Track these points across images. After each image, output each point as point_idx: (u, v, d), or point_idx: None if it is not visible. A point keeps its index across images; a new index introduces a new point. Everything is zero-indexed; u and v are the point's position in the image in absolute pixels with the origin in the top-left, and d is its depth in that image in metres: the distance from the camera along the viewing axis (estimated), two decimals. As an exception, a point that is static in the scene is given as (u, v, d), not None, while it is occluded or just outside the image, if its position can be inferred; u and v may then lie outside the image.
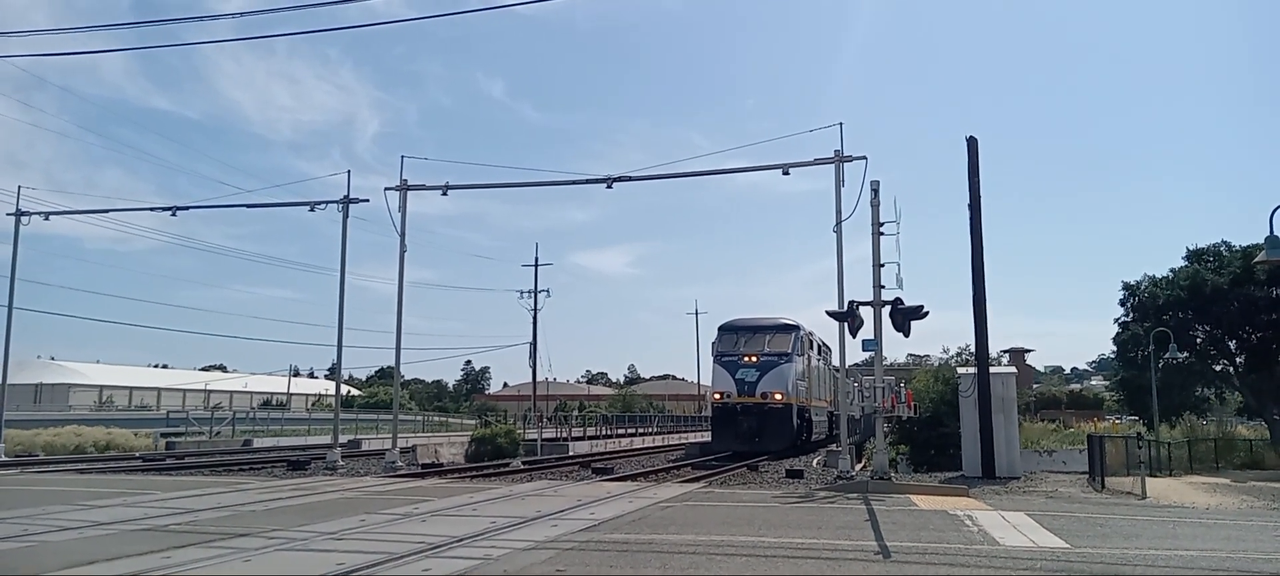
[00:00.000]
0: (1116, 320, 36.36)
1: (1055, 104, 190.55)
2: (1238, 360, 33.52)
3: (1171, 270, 34.45)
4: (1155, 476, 20.50)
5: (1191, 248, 34.64)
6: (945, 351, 78.27)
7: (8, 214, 25.74)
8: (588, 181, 22.56)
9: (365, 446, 33.43)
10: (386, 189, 22.73)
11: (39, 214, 25.94)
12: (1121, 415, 47.60)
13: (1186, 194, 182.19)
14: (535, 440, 32.88)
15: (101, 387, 70.56)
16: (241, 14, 21.10)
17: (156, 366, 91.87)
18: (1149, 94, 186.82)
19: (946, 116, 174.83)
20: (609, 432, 42.45)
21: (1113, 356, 39.80)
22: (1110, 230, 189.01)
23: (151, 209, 29.11)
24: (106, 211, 28.45)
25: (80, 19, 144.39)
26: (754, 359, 29.50)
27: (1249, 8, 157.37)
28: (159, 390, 73.04)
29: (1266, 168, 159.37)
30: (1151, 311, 33.25)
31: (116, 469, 22.75)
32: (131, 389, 72.47)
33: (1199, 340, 33.46)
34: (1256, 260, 14.53)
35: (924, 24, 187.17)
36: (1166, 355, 28.42)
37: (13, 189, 25.78)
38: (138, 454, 29.31)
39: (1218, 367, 34.43)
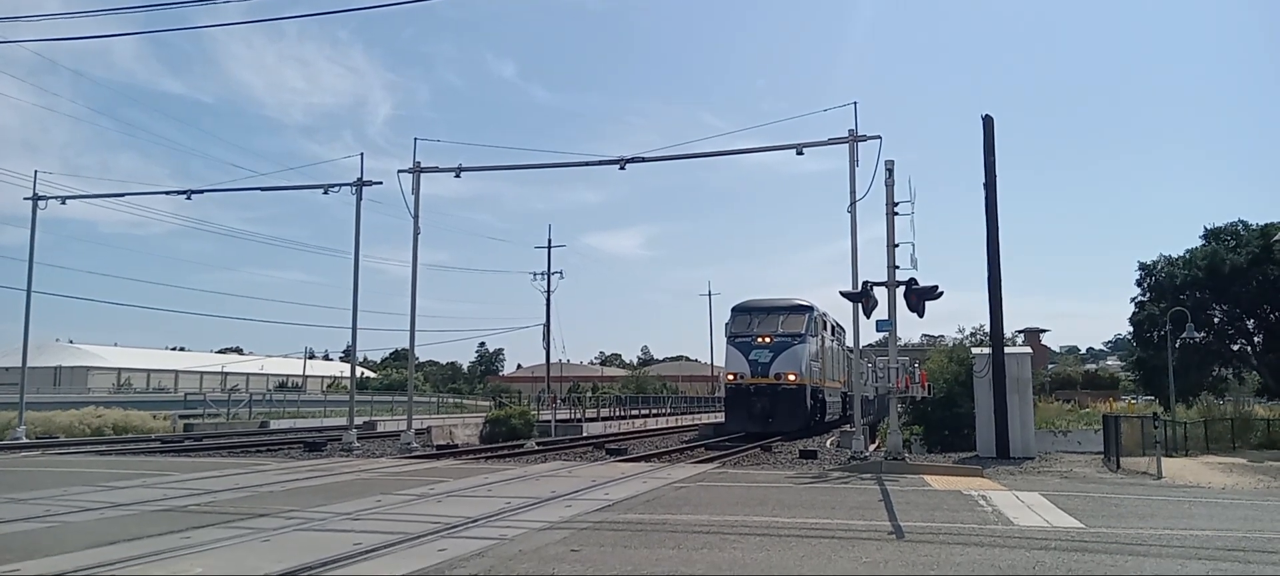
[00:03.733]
0: (1133, 300, 36.15)
1: (1068, 81, 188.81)
2: (1255, 340, 33.27)
3: (1188, 250, 34.17)
4: (1171, 456, 20.39)
5: (1209, 227, 34.37)
6: (960, 331, 77.60)
7: (25, 198, 25.92)
8: (601, 162, 22.52)
9: (381, 428, 33.65)
10: (400, 171, 22.79)
11: (55, 198, 26.11)
12: (1137, 395, 47.35)
13: (1203, 173, 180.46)
14: (549, 421, 32.98)
15: (120, 370, 71.26)
16: (254, -3, 21.14)
17: (174, 349, 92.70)
18: (1164, 71, 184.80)
19: (957, 93, 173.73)
20: (622, 414, 42.59)
21: (1129, 336, 39.58)
22: (1126, 209, 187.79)
23: (167, 192, 29.24)
24: (122, 195, 28.62)
25: (90, 2, 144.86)
26: (767, 340, 29.45)
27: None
28: (176, 372, 73.75)
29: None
30: (1168, 291, 33.02)
31: (136, 450, 22.99)
32: (149, 371, 73.19)
33: (1216, 320, 33.23)
34: (1275, 238, 14.42)
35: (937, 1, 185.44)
36: (1183, 335, 28.22)
37: (29, 173, 25.96)
38: (156, 435, 29.61)
39: (1235, 347, 34.19)
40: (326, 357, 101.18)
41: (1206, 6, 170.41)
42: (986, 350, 21.04)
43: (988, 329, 21.53)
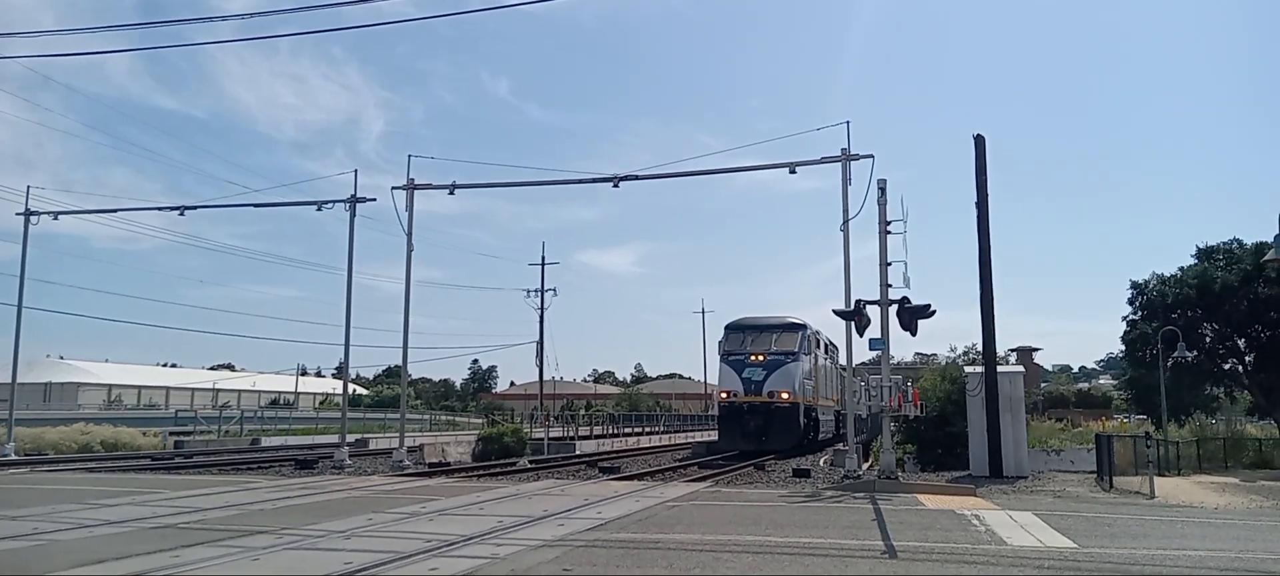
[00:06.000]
0: (1125, 319, 36.17)
1: (1061, 102, 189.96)
2: (1247, 359, 33.34)
3: (1180, 268, 34.26)
4: (1163, 476, 20.41)
5: (1201, 245, 34.49)
6: (953, 350, 77.69)
7: (16, 214, 25.86)
8: (595, 180, 22.56)
9: (372, 445, 33.50)
10: (393, 188, 22.73)
11: (47, 213, 26.04)
12: (1130, 414, 47.45)
13: (1195, 192, 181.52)
14: (542, 439, 32.89)
15: (110, 386, 70.93)
16: (246, 15, 21.23)
17: (165, 365, 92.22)
18: (1156, 92, 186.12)
19: (951, 115, 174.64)
20: (616, 432, 42.52)
21: (1121, 355, 39.61)
22: (1118, 229, 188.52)
23: (159, 208, 29.24)
24: (114, 211, 28.52)
25: (85, 19, 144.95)
26: (761, 358, 29.46)
27: (1254, 6, 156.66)
28: (167, 389, 73.50)
29: (1275, 165, 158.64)
30: (1160, 310, 33.09)
31: (126, 467, 22.84)
32: (140, 388, 72.90)
33: (1208, 339, 33.28)
34: (1266, 258, 14.48)
35: (927, 23, 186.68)
36: (1175, 354, 28.30)
37: (21, 188, 25.79)
38: (146, 453, 29.43)
39: (1227, 366, 34.25)
40: (319, 374, 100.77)
41: (1200, 27, 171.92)
42: (979, 369, 21.06)
43: (980, 347, 21.56)
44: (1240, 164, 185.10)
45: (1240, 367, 33.76)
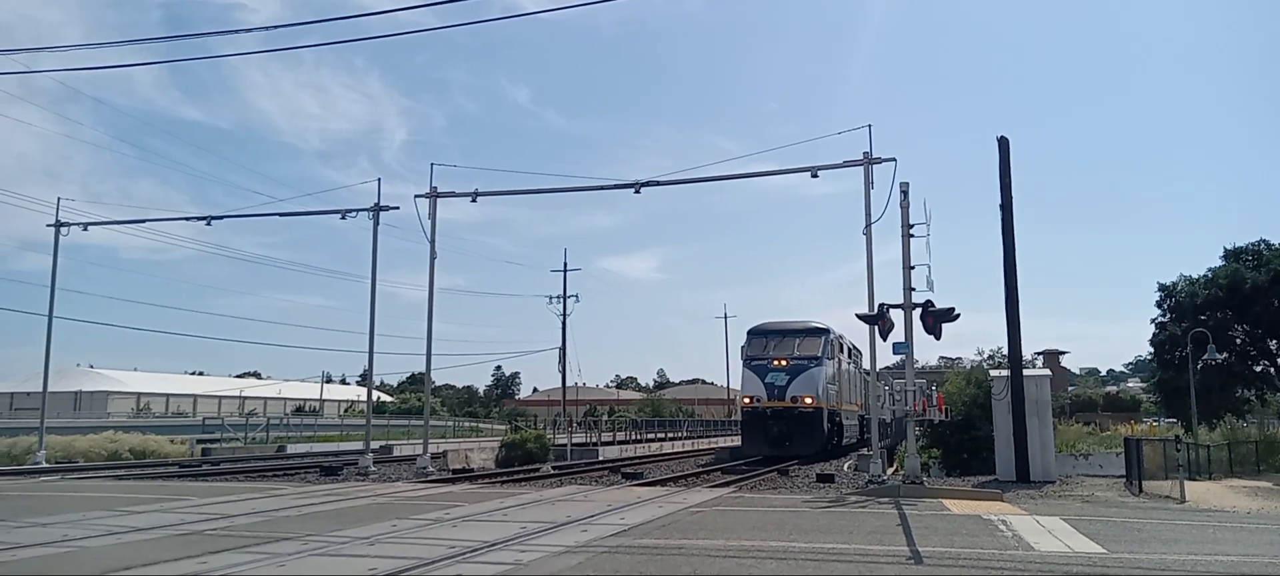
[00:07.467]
0: (1153, 321, 35.84)
1: (1081, 104, 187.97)
2: (1279, 360, 32.89)
3: (1209, 270, 33.92)
4: (1194, 480, 20.10)
5: (1229, 246, 34.12)
6: (978, 354, 77.69)
7: (47, 225, 26.28)
8: (617, 186, 22.61)
9: (397, 452, 33.71)
10: (417, 196, 22.91)
11: (77, 224, 26.45)
12: (1159, 417, 46.84)
13: (1221, 194, 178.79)
14: (565, 445, 32.98)
15: (139, 394, 71.73)
16: (270, 27, 21.48)
17: (193, 373, 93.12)
18: (1176, 95, 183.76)
19: (972, 118, 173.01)
20: (638, 437, 42.54)
21: (1149, 358, 39.21)
22: (1145, 231, 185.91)
23: (186, 218, 29.52)
24: (143, 221, 28.96)
25: (111, 33, 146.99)
26: (784, 362, 29.37)
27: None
28: (195, 397, 74.26)
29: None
30: (1189, 312, 32.74)
31: (154, 475, 23.12)
32: (168, 396, 73.68)
33: (1238, 340, 32.89)
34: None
35: (944, 27, 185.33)
36: (1205, 356, 27.95)
37: (51, 200, 26.27)
38: (174, 460, 29.75)
39: (1258, 368, 33.80)
40: (344, 382, 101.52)
41: (1228, 27, 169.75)
42: (1005, 372, 20.87)
43: (1006, 351, 21.36)
44: (1262, 168, 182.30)
45: (1272, 369, 33.29)
